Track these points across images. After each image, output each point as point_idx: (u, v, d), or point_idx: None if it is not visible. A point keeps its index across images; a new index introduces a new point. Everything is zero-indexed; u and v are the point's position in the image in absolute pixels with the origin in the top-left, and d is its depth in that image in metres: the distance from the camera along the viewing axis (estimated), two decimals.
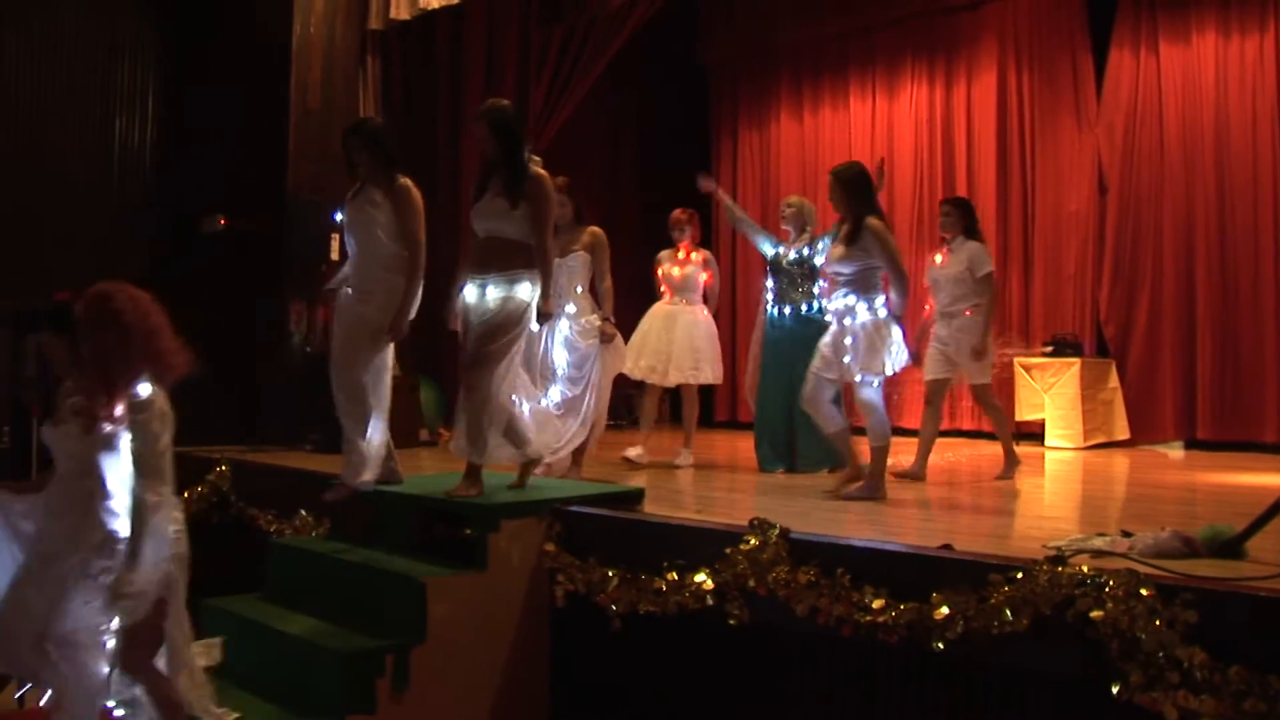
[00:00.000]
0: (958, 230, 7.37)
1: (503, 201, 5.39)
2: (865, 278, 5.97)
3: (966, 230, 7.35)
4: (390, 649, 4.53)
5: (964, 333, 7.08)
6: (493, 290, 5.44)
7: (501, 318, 5.36)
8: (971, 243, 7.27)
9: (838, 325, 6.05)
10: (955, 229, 7.38)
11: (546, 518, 5.04)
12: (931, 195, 11.26)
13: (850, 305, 5.98)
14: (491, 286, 5.45)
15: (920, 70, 11.52)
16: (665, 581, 4.37)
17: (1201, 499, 6.36)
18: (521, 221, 5.40)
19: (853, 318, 5.96)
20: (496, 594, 4.89)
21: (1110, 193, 10.14)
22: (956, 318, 7.15)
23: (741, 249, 12.73)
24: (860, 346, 5.90)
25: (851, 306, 5.97)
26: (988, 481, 7.26)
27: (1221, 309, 9.55)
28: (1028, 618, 3.33)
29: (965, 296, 7.15)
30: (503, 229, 5.44)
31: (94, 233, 9.90)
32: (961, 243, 7.30)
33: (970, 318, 7.09)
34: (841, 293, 6.05)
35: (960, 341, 7.09)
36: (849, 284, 6.01)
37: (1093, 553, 3.84)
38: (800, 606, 3.91)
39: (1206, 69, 9.71)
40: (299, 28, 9.15)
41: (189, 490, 7.22)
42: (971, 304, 7.13)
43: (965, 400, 10.78)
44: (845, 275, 6.03)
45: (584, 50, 11.15)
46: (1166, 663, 3.05)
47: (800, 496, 6.13)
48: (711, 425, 12.65)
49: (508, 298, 5.39)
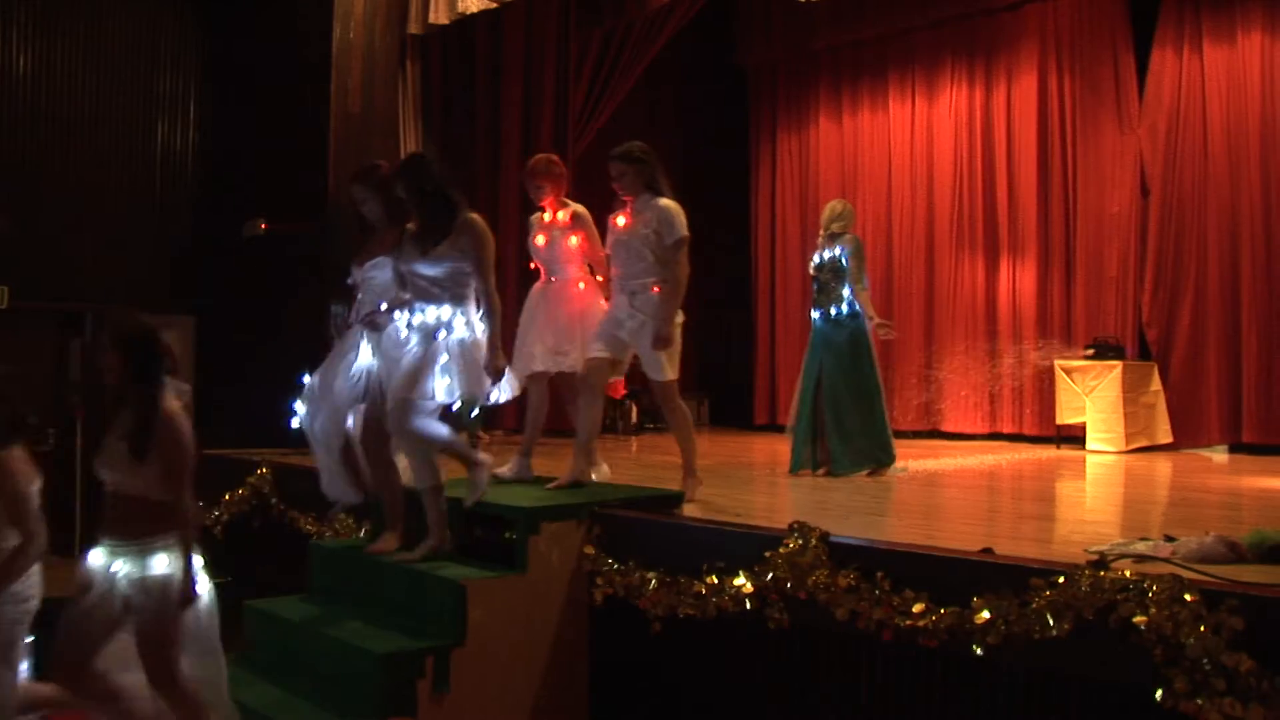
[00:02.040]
0: (638, 188, 5.82)
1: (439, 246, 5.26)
2: (456, 283, 5.33)
3: (649, 186, 5.83)
4: (431, 651, 4.55)
5: (647, 313, 5.66)
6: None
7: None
8: (660, 201, 5.77)
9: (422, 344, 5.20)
10: (634, 187, 5.82)
11: (586, 520, 5.06)
12: (971, 199, 11.22)
13: (442, 319, 5.28)
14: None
15: (960, 72, 11.47)
16: (704, 585, 4.37)
17: (1246, 503, 6.29)
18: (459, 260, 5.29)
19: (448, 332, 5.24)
20: (536, 596, 4.90)
21: (1152, 195, 10.04)
22: (640, 294, 5.71)
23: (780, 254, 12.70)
24: (455, 368, 5.18)
25: (446, 320, 5.28)
26: (1029, 484, 7.21)
27: (1267, 311, 9.43)
28: (1069, 622, 3.31)
29: (649, 269, 5.69)
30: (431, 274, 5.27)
31: (136, 237, 10.05)
32: (646, 201, 5.78)
33: (655, 295, 5.66)
34: (427, 304, 5.28)
35: (642, 325, 5.67)
36: (438, 290, 5.29)
37: (1135, 557, 3.81)
38: (840, 610, 3.91)
39: (1252, 69, 9.60)
40: (339, 32, 9.21)
41: (229, 493, 7.29)
42: (657, 278, 5.68)
43: (1006, 401, 10.75)
44: (429, 279, 5.28)
45: (623, 53, 11.19)
46: (1212, 669, 3.02)
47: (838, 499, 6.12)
48: (751, 429, 12.65)
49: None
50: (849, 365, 7.39)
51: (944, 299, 11.35)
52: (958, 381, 11.11)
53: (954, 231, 11.32)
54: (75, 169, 9.77)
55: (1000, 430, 10.88)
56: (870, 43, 12.17)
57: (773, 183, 13.04)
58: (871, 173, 12.10)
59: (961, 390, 11.10)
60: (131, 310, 4.35)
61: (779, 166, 13.01)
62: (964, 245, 11.24)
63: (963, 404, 11.10)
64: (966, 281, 11.24)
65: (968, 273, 11.23)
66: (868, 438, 7.37)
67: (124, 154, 10.07)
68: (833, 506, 5.88)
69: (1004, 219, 10.97)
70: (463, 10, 9.30)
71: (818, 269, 7.63)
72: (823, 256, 7.60)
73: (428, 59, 10.33)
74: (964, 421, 11.08)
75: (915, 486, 6.87)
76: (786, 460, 7.59)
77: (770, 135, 13.13)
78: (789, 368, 12.56)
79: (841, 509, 5.77)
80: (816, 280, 7.65)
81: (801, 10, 11.35)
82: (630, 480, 6.56)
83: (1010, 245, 10.95)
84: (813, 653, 4.26)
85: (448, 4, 9.42)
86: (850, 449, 7.27)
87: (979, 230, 11.12)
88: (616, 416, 11.44)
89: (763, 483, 7.04)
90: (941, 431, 11.16)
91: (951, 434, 11.11)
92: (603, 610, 4.89)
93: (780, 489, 6.80)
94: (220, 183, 10.44)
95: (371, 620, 4.96)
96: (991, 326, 11.03)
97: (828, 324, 7.50)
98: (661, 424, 12.14)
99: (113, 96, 9.99)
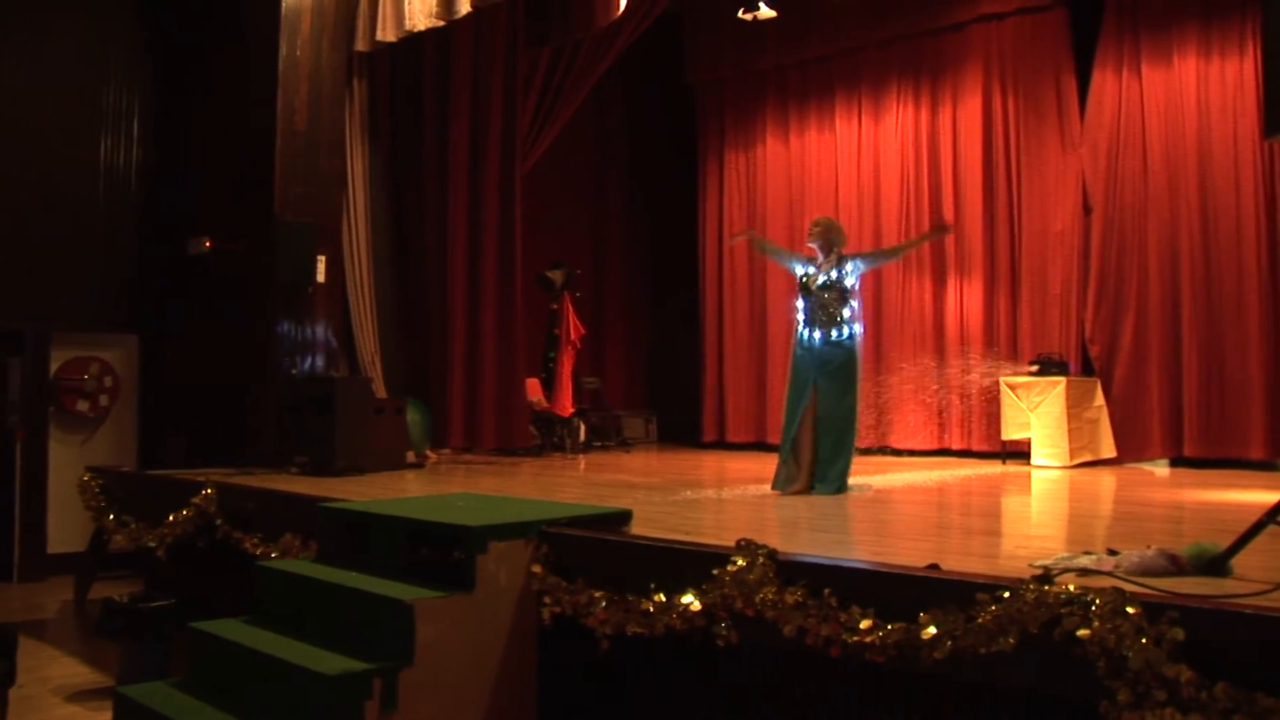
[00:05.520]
0: None
1: None
2: None
3: None
4: (378, 671, 4.51)
5: None
6: None
7: None
8: None
9: None
10: None
11: (534, 539, 5.03)
12: (918, 217, 11.34)
13: None
14: None
15: (906, 92, 11.60)
16: (653, 603, 4.36)
17: (1188, 516, 6.37)
18: None
19: None
20: (484, 616, 4.87)
21: (1095, 213, 10.20)
22: None
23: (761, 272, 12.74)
24: None
25: None
26: (977, 500, 7.26)
27: (1206, 327, 9.59)
28: (1015, 637, 3.33)
29: None
30: None
31: (78, 255, 9.93)
32: None
33: None
34: None
35: None
36: None
37: (1079, 571, 3.84)
38: (788, 627, 3.91)
39: (1188, 90, 9.78)
40: (285, 50, 9.18)
41: (174, 514, 7.20)
42: None
43: (954, 417, 10.85)
44: None
45: (571, 71, 11.23)
46: (1154, 681, 3.05)
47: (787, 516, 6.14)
48: (699, 446, 12.68)
49: None
50: (844, 387, 7.39)
51: (892, 316, 11.44)
52: (906, 398, 11.20)
53: None
54: (14, 184, 9.63)
55: (948, 446, 10.98)
56: (817, 62, 12.29)
57: (720, 201, 13.10)
58: (819, 191, 12.19)
59: (910, 407, 11.19)
60: None
61: (726, 185, 13.08)
62: (911, 263, 11.34)
63: (911, 420, 11.20)
64: (914, 299, 11.34)
65: (915, 290, 11.33)
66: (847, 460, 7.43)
67: (66, 169, 9.95)
68: (781, 524, 5.89)
69: (950, 238, 11.07)
70: (410, 28, 9.30)
71: (822, 288, 7.45)
72: (829, 276, 7.47)
73: (375, 77, 10.31)
74: (912, 438, 11.17)
75: (864, 503, 6.90)
76: (735, 478, 7.60)
77: (718, 154, 13.20)
78: (737, 386, 12.63)
79: (789, 526, 5.79)
80: (815, 299, 7.47)
81: (749, 29, 11.43)
82: (578, 499, 6.53)
83: (956, 263, 11.06)
84: (761, 670, 4.26)
85: (395, 22, 9.41)
86: (834, 471, 7.33)
87: (925, 249, 11.22)
88: (565, 434, 11.43)
89: (711, 501, 7.05)
90: (890, 448, 11.25)
91: (900, 450, 11.20)
92: (551, 629, 4.86)
93: (728, 507, 6.81)
94: (165, 200, 10.35)
95: (317, 641, 4.90)
96: (939, 343, 11.14)
97: (827, 345, 7.40)
98: (608, 442, 12.18)
99: (55, 110, 9.87)
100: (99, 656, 6.89)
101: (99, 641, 6.59)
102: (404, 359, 10.42)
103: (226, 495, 7.20)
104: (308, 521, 6.06)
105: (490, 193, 10.56)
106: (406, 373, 10.35)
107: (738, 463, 10.50)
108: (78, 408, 9.84)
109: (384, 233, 10.39)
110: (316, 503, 6.00)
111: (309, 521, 6.02)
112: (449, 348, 10.26)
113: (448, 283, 10.31)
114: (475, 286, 10.46)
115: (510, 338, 10.54)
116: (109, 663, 6.56)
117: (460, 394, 10.28)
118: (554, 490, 7.67)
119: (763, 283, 12.52)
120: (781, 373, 12.06)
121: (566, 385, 11.42)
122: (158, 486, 7.92)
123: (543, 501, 6.15)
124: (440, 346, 10.31)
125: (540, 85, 11.15)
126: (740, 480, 8.40)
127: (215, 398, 9.41)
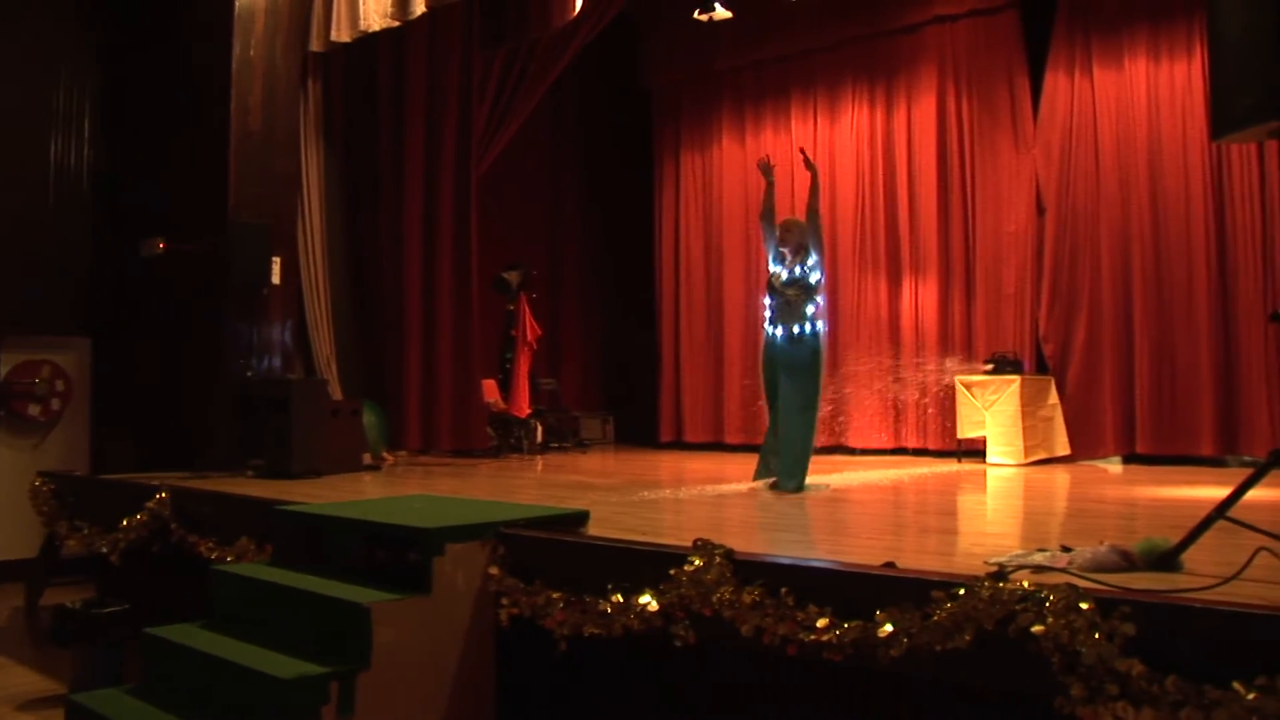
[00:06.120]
0: None
1: None
2: None
3: None
4: (335, 676, 4.48)
5: None
6: None
7: None
8: None
9: None
10: None
11: (491, 541, 5.02)
12: (873, 216, 11.41)
13: None
14: None
15: (861, 93, 11.67)
16: (610, 604, 4.36)
17: (1140, 513, 6.44)
18: None
19: None
20: (441, 618, 4.85)
21: (1048, 213, 10.29)
22: None
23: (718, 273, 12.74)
24: None
25: None
26: (932, 498, 7.31)
27: (1157, 325, 9.70)
28: (970, 634, 3.36)
29: None
30: None
31: (29, 257, 9.80)
32: None
33: None
34: None
35: None
36: None
37: (1033, 568, 3.88)
38: (745, 627, 3.92)
39: (1139, 91, 9.90)
40: (239, 49, 9.11)
41: (127, 518, 7.13)
42: None
43: (910, 416, 10.92)
44: None
45: (527, 73, 11.22)
46: (1106, 675, 3.08)
47: (744, 516, 6.15)
48: (657, 447, 12.69)
49: None
50: (805, 384, 7.47)
51: (848, 316, 11.49)
52: (862, 397, 11.26)
53: (857, 250, 11.49)
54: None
55: (904, 445, 11.05)
56: (773, 63, 12.33)
57: (676, 202, 13.12)
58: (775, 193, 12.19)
59: (866, 406, 11.24)
60: None
61: (683, 186, 13.10)
62: (866, 263, 11.41)
63: (867, 419, 11.25)
64: (870, 299, 11.40)
65: (870, 290, 11.40)
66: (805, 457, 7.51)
67: (15, 170, 9.81)
68: (738, 523, 5.91)
69: (905, 237, 11.16)
70: (365, 28, 9.25)
71: (785, 285, 7.55)
72: (792, 273, 7.56)
73: (330, 77, 10.25)
74: (869, 437, 11.23)
75: (820, 502, 6.93)
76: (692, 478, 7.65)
77: (674, 155, 13.22)
78: (694, 386, 12.65)
79: (746, 526, 5.81)
80: (781, 296, 7.57)
81: (704, 31, 11.46)
82: (535, 500, 6.52)
83: (912, 263, 11.14)
84: (720, 670, 4.27)
85: (350, 22, 9.36)
86: (793, 468, 7.41)
87: (881, 248, 11.30)
88: (522, 436, 11.41)
89: (668, 501, 7.06)
90: (846, 447, 11.30)
91: (857, 449, 11.25)
92: (509, 631, 4.85)
93: (686, 507, 6.82)
94: (118, 201, 10.23)
95: (274, 645, 4.87)
96: (895, 343, 11.20)
97: (790, 342, 7.50)
98: (565, 443, 12.17)
99: (3, 111, 9.74)
100: (51, 664, 6.80)
101: (51, 649, 6.51)
102: (360, 360, 10.37)
103: (181, 499, 7.13)
104: (263, 525, 6.01)
105: (446, 194, 10.53)
106: (363, 374, 10.30)
107: (695, 463, 10.51)
108: (29, 412, 9.71)
109: (339, 234, 10.33)
110: (272, 506, 5.96)
111: (265, 525, 5.98)
112: (405, 349, 10.22)
113: (404, 284, 10.27)
114: (431, 288, 10.43)
115: (467, 339, 10.51)
116: (61, 670, 6.48)
117: (417, 395, 10.24)
118: (511, 492, 7.65)
119: (719, 283, 12.55)
120: (738, 372, 12.17)
121: (523, 386, 11.41)
122: (111, 491, 7.83)
123: (500, 503, 6.13)
124: (396, 348, 10.26)
125: (496, 87, 11.13)
126: (698, 480, 8.41)
127: (169, 401, 9.32)
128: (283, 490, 7.14)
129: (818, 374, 7.54)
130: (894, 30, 11.38)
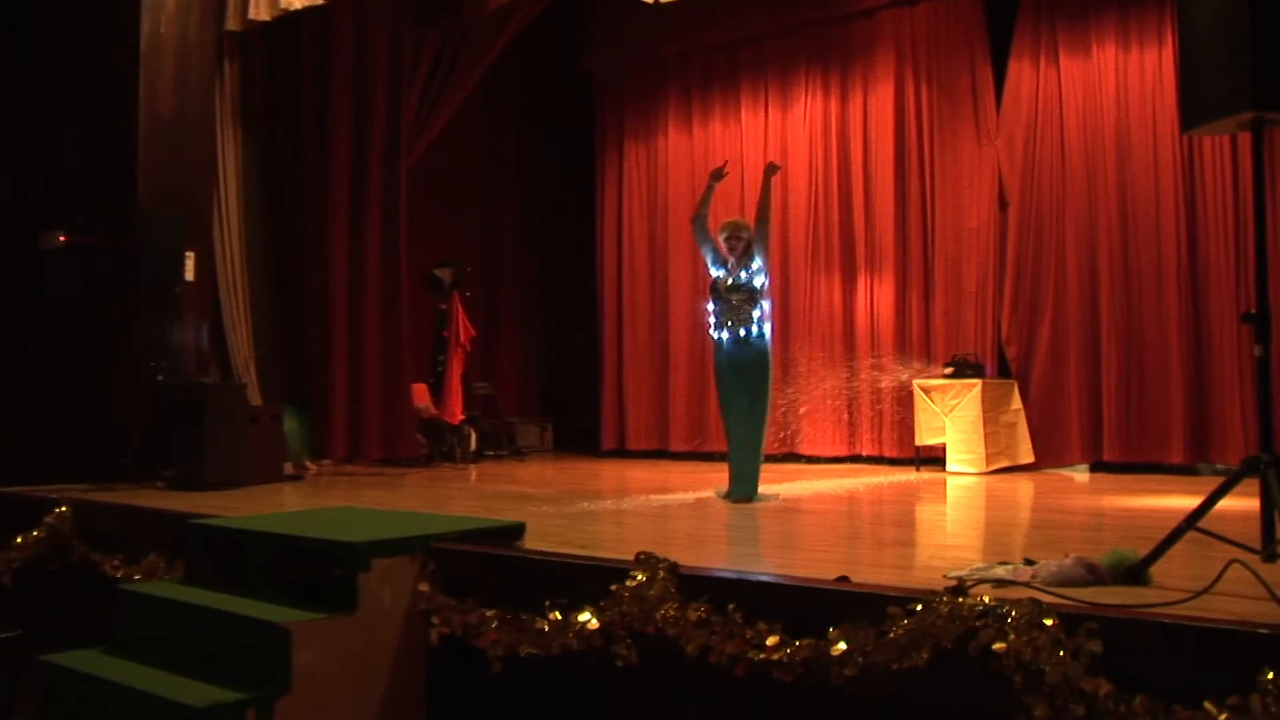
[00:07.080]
0: None
1: None
2: None
3: None
4: (252, 702, 4.42)
5: None
6: None
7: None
8: None
9: None
10: None
11: (421, 556, 4.98)
12: (827, 211, 11.42)
13: None
14: None
15: (814, 81, 11.67)
16: (548, 622, 4.34)
17: (1108, 524, 6.50)
18: None
19: None
20: (368, 638, 4.81)
21: (1011, 208, 10.36)
22: None
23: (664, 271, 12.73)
24: None
25: None
26: (889, 509, 7.34)
27: (1125, 328, 9.79)
28: (928, 651, 3.37)
29: None
30: None
31: None
32: None
33: None
34: None
35: None
36: None
37: (995, 582, 3.90)
38: (690, 645, 3.91)
39: (1107, 81, 9.99)
40: (148, 26, 8.98)
41: (22, 535, 7.00)
42: None
43: (865, 423, 10.96)
44: None
45: (460, 56, 11.15)
46: (1071, 695, 3.10)
47: (690, 528, 6.15)
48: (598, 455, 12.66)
49: None
50: (754, 389, 7.52)
51: (800, 316, 11.50)
52: (815, 403, 11.27)
53: (809, 246, 11.49)
54: None
55: (859, 453, 11.06)
56: (722, 49, 12.32)
57: (620, 195, 13.07)
58: (723, 185, 12.08)
59: (819, 412, 11.26)
60: None
61: (626, 178, 13.05)
62: (819, 260, 11.43)
63: (820, 426, 11.26)
64: (823, 298, 11.41)
65: (824, 289, 11.41)
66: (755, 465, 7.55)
67: None
68: (684, 536, 5.90)
69: (861, 233, 11.18)
70: (286, 6, 9.17)
71: (729, 289, 7.58)
72: (737, 277, 7.57)
73: (248, 58, 10.15)
74: (822, 444, 11.24)
75: (771, 513, 6.94)
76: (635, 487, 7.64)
77: (617, 145, 13.17)
78: (638, 391, 12.62)
79: (692, 538, 5.80)
80: (725, 301, 7.60)
81: (650, 13, 11.42)
82: (469, 512, 6.48)
83: (867, 260, 11.15)
84: (664, 691, 4.26)
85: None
86: (744, 476, 7.46)
87: (835, 245, 11.32)
88: (454, 443, 11.35)
89: (610, 512, 7.04)
90: (798, 455, 11.30)
91: (809, 457, 11.26)
92: (440, 651, 4.82)
93: (628, 518, 6.80)
94: (22, 190, 10.04)
95: (185, 670, 4.80)
96: (849, 345, 11.22)
97: (736, 345, 7.54)
98: (501, 451, 12.12)
99: None
100: None
101: None
102: (281, 364, 10.26)
103: (84, 513, 7.02)
104: (175, 540, 5.93)
105: (374, 185, 10.45)
106: (284, 378, 10.19)
107: (638, 472, 10.50)
108: None
109: (259, 228, 10.22)
110: (185, 519, 5.89)
111: (176, 540, 5.90)
112: (330, 352, 10.13)
113: (328, 282, 10.18)
114: (358, 286, 10.34)
115: (396, 340, 10.44)
116: None
117: (342, 401, 10.15)
118: (443, 503, 7.61)
119: (665, 281, 12.51)
120: (684, 377, 12.16)
121: (456, 390, 11.34)
122: (5, 505, 7.70)
123: (430, 515, 6.10)
124: (320, 350, 10.17)
125: (427, 71, 11.05)
126: (641, 490, 8.41)
127: (72, 407, 9.17)
128: (196, 503, 7.05)
129: (767, 378, 7.58)
130: (850, 15, 11.40)
